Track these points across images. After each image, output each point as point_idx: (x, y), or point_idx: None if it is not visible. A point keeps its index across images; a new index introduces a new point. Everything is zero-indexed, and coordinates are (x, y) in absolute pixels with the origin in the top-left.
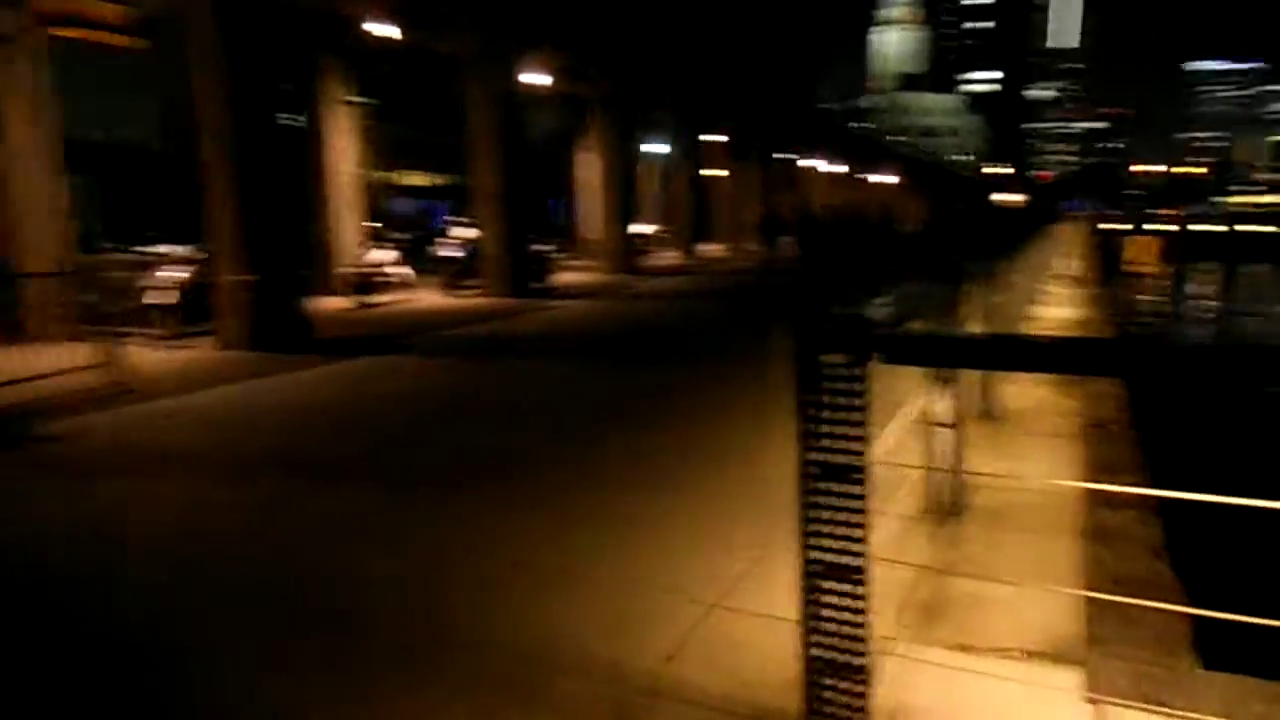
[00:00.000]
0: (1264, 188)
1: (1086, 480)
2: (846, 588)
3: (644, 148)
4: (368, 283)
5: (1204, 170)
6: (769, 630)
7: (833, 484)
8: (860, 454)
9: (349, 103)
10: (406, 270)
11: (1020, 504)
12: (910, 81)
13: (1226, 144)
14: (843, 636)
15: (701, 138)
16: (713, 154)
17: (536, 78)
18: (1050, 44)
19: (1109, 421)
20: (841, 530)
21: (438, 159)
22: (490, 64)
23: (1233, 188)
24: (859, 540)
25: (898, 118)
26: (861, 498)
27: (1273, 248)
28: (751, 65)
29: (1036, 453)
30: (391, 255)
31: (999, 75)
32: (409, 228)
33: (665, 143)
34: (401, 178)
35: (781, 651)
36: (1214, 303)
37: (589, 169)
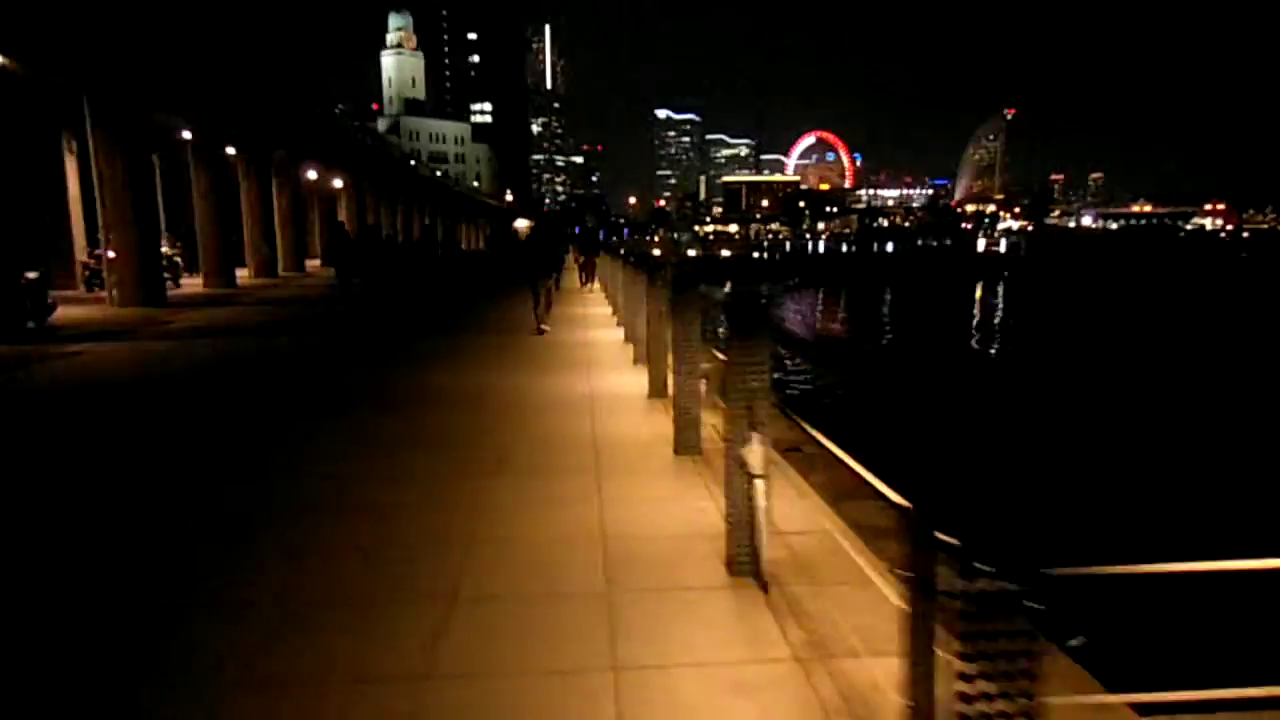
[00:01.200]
0: (713, 218)
1: None
2: None
3: (161, 155)
4: None
5: (670, 203)
6: None
7: None
8: None
9: None
10: None
11: None
12: (415, 106)
13: (685, 179)
14: None
15: (229, 150)
16: (236, 167)
17: None
18: (536, 82)
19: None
20: None
21: None
22: None
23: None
24: None
25: (409, 142)
26: None
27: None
28: (271, 73)
29: None
30: None
31: (490, 106)
32: None
33: (184, 150)
34: None
35: None
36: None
37: (95, 173)
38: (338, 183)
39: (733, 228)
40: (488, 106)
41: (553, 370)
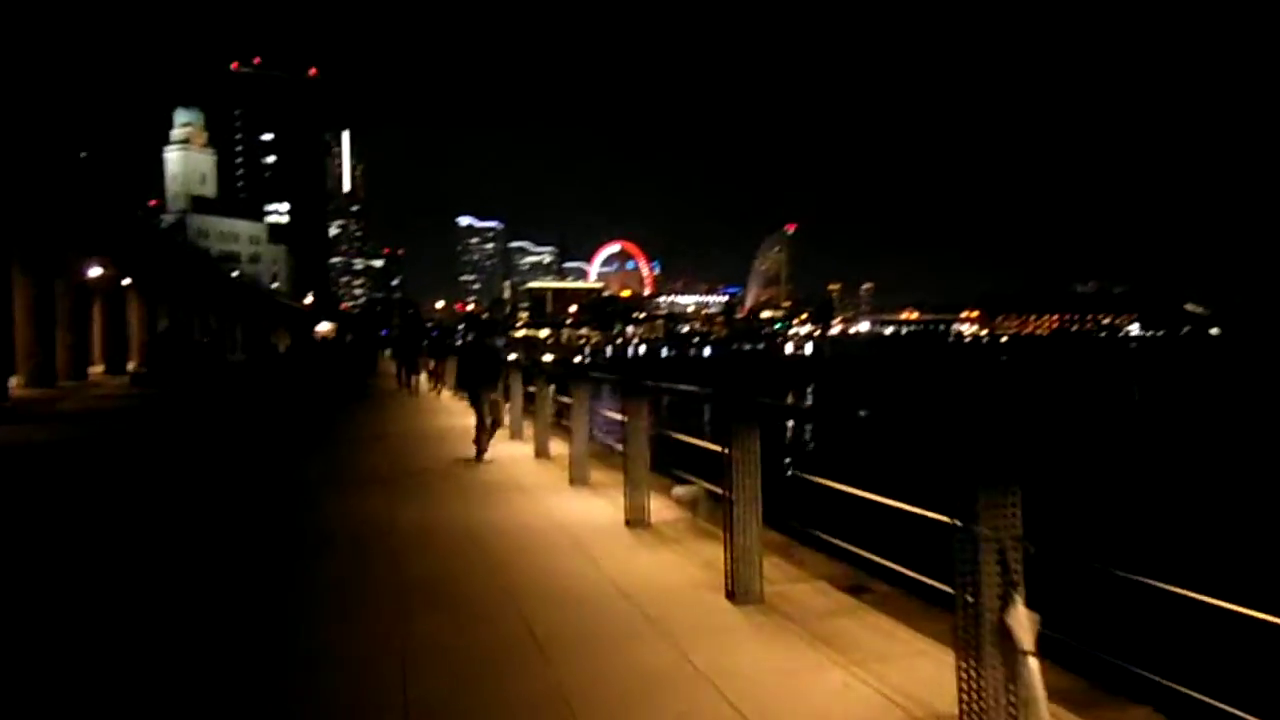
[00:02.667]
0: (523, 323)
1: None
2: None
3: None
4: None
5: (476, 307)
6: None
7: None
8: None
9: None
10: None
11: None
12: (204, 204)
13: (490, 284)
14: None
15: None
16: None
17: None
18: (335, 185)
19: None
20: None
21: None
22: None
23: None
24: None
25: (199, 240)
26: None
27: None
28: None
29: None
30: None
31: (288, 207)
32: None
33: None
34: None
35: None
36: None
37: None
38: (125, 281)
39: (544, 332)
40: (285, 206)
41: (486, 498)
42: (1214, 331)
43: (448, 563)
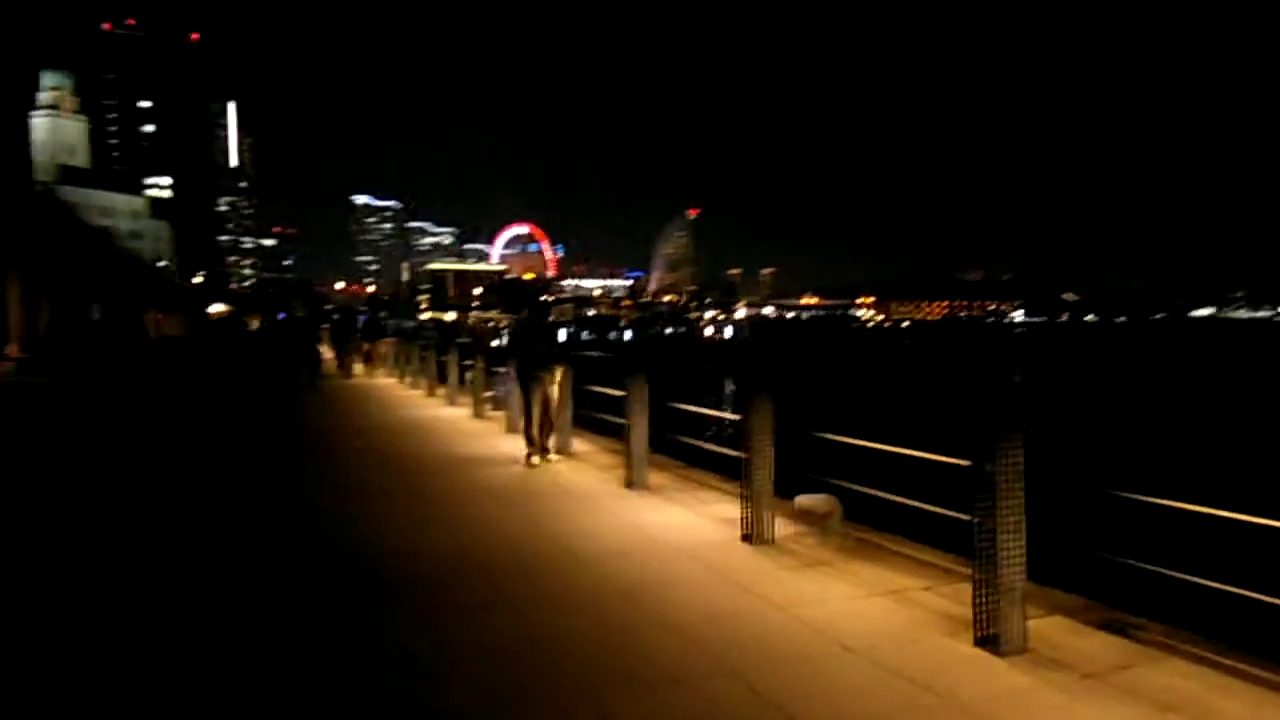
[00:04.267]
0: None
1: None
2: None
3: None
4: None
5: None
6: None
7: None
8: None
9: None
10: None
11: None
12: (73, 175)
13: (388, 265)
14: None
15: None
16: None
17: None
18: (221, 159)
19: None
20: None
21: None
22: None
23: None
24: None
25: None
26: None
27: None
28: None
29: None
30: None
31: (170, 181)
32: None
33: None
34: None
35: None
36: None
37: None
38: None
39: (450, 315)
40: (167, 180)
41: (550, 510)
42: (1090, 318)
43: (583, 618)
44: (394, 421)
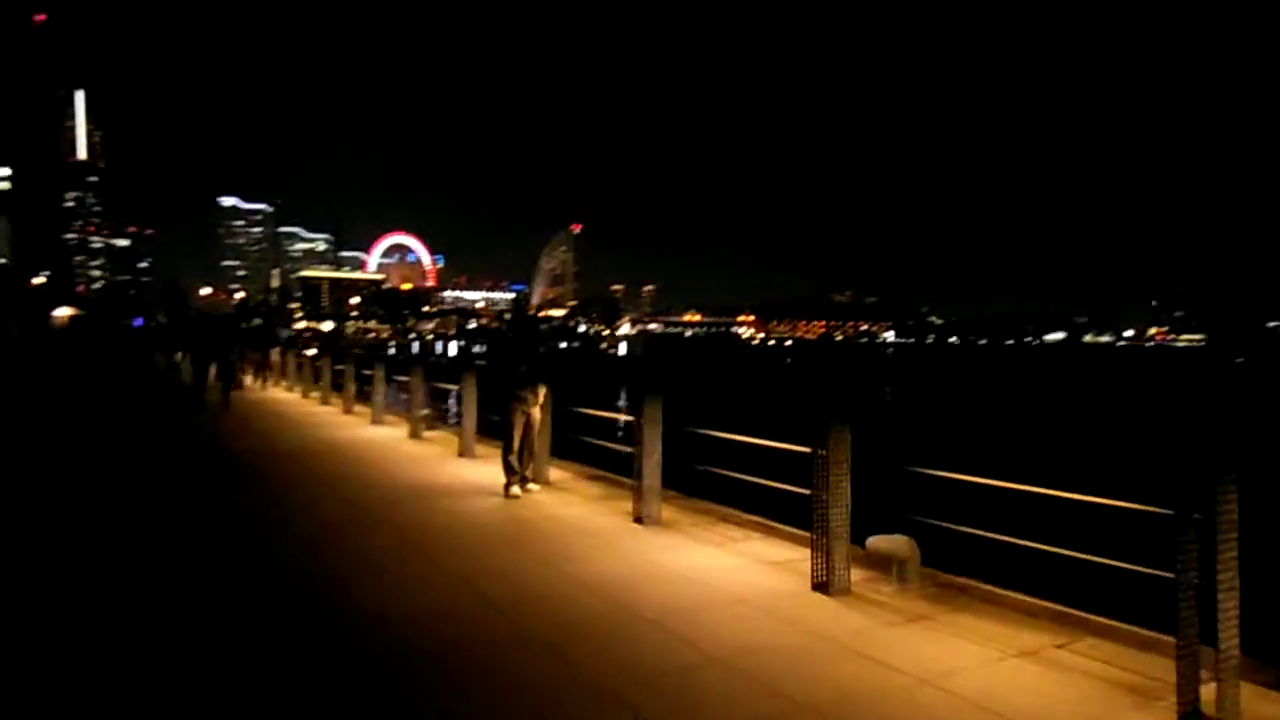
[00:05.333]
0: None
1: None
2: None
3: None
4: None
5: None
6: None
7: None
8: None
9: None
10: None
11: None
12: None
13: (257, 271)
14: None
15: None
16: None
17: None
18: (67, 152)
19: None
20: None
21: None
22: None
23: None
24: None
25: None
26: None
27: None
28: None
29: None
30: None
31: (9, 172)
32: None
33: None
34: None
35: None
36: None
37: None
38: None
39: (327, 325)
40: (5, 171)
41: (571, 556)
42: (953, 340)
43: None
44: (323, 444)
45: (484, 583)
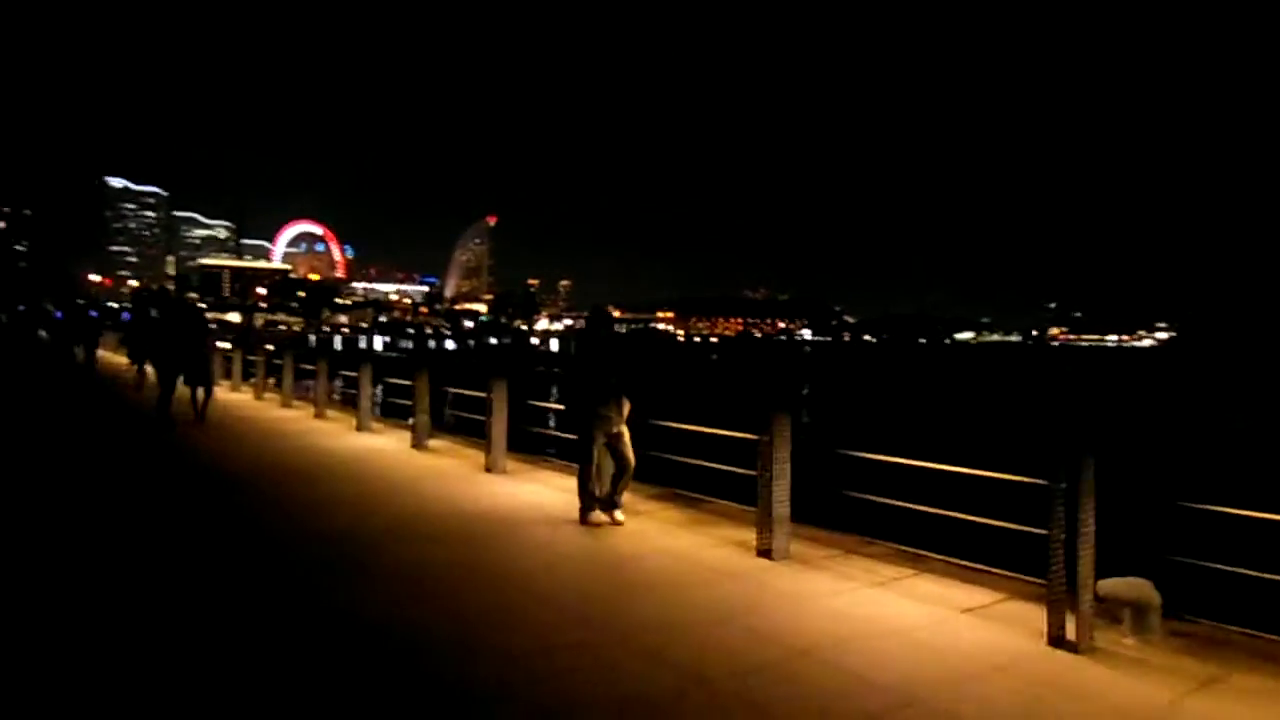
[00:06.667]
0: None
1: None
2: None
3: None
4: None
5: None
6: None
7: None
8: None
9: None
10: None
11: None
12: None
13: (150, 258)
14: None
15: None
16: None
17: None
18: None
19: None
20: None
21: None
22: None
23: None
24: None
25: None
26: None
27: None
28: None
29: None
30: None
31: None
32: None
33: None
34: None
35: None
36: None
37: None
38: None
39: (233, 316)
40: None
41: (715, 618)
42: (867, 338)
43: None
44: (327, 459)
45: (681, 652)
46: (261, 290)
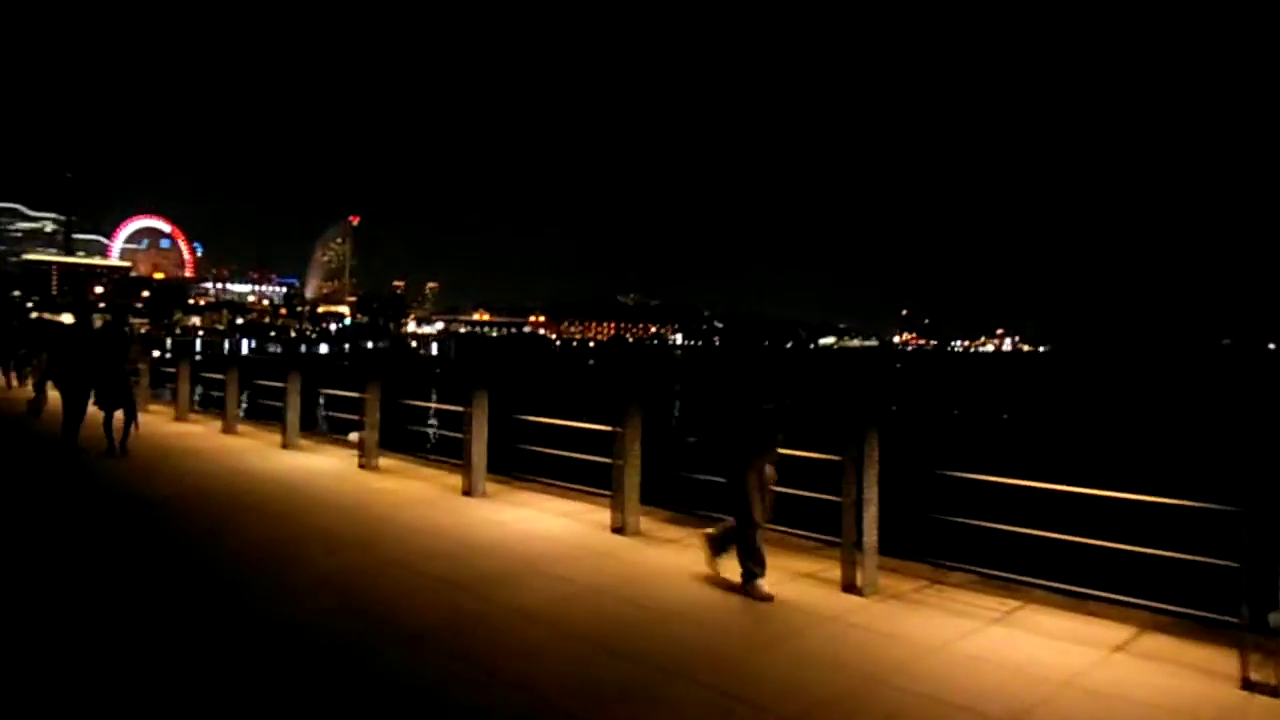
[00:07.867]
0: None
1: None
2: None
3: None
4: None
5: None
6: None
7: None
8: None
9: None
10: None
11: None
12: None
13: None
14: None
15: None
16: None
17: None
18: None
19: None
20: None
21: None
22: None
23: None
24: None
25: None
26: None
27: None
28: None
29: None
30: None
31: None
32: None
33: None
34: None
35: None
36: None
37: None
38: None
39: (66, 317)
40: None
41: None
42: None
43: None
44: (273, 486)
45: None
46: (99, 289)
